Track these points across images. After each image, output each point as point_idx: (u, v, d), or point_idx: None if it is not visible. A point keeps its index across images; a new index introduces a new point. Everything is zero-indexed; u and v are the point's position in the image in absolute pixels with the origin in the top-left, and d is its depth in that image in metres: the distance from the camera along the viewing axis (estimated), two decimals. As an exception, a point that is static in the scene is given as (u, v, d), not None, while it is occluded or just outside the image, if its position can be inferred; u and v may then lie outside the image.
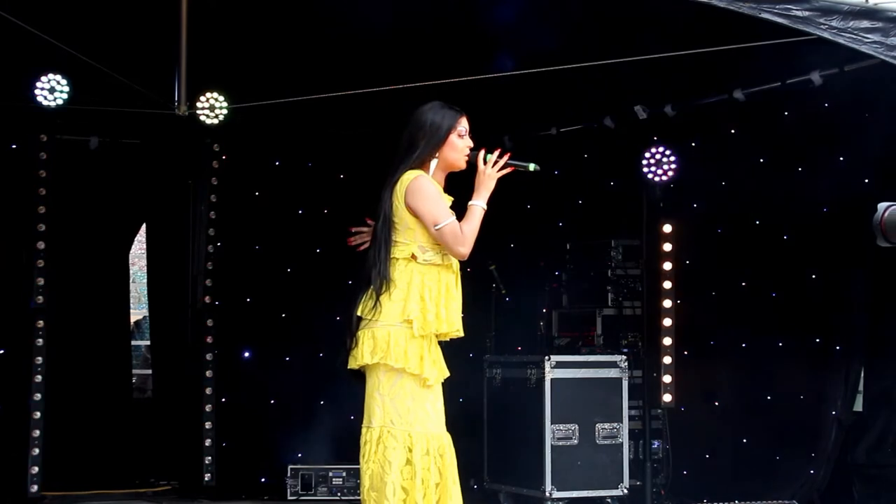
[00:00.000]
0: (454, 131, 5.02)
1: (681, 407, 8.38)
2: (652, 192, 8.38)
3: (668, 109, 8.60)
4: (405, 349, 4.91)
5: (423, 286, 4.93)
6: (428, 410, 4.95)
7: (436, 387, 4.99)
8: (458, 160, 5.04)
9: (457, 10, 7.56)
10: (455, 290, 5.00)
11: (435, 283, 4.94)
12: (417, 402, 4.93)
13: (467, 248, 4.92)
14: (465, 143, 5.05)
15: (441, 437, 4.96)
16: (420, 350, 4.92)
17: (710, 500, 7.95)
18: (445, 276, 4.97)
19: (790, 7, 5.94)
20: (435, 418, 4.96)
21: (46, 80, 8.22)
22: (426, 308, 4.91)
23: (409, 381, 4.93)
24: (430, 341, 4.97)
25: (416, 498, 4.84)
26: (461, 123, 5.04)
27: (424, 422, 4.93)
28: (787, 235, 8.07)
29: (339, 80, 8.20)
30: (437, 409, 4.98)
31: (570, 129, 9.45)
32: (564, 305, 9.14)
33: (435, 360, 4.98)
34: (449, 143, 5.02)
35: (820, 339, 7.94)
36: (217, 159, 9.15)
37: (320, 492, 8.78)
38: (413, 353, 4.91)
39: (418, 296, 4.91)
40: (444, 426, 5.01)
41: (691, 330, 8.42)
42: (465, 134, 5.05)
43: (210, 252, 9.10)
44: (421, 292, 4.92)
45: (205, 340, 9.03)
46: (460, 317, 5.01)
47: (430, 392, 4.97)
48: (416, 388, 4.93)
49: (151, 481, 9.33)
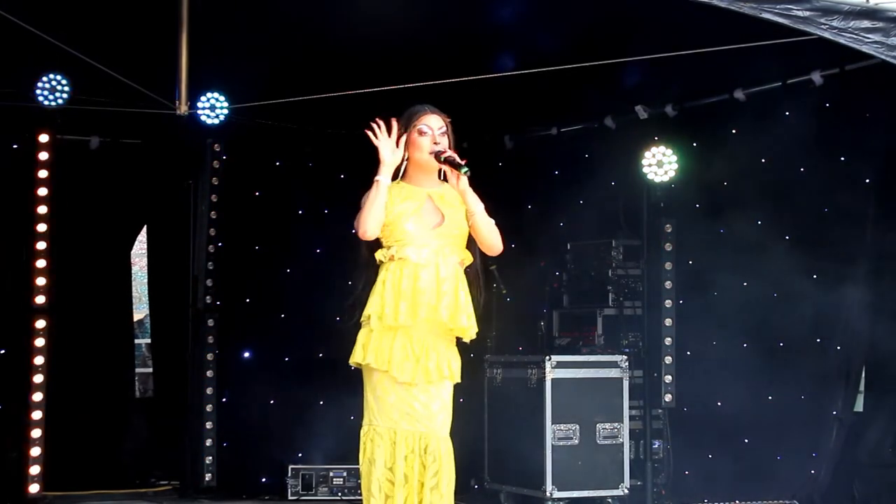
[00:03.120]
0: (413, 130, 5.03)
1: (682, 407, 8.38)
2: (652, 192, 8.38)
3: (668, 109, 8.60)
4: (363, 344, 4.97)
5: (385, 282, 4.97)
6: (416, 408, 4.94)
7: (429, 387, 4.96)
8: (421, 157, 5.04)
9: (457, 10, 7.56)
10: (422, 283, 4.95)
11: (397, 277, 4.96)
12: (402, 399, 4.94)
13: (358, 228, 4.96)
14: (427, 140, 5.02)
15: (429, 437, 4.94)
16: (379, 344, 4.94)
17: (710, 500, 7.96)
18: (409, 270, 4.97)
19: (791, 7, 5.94)
20: (425, 417, 4.94)
21: (47, 79, 8.22)
22: (383, 303, 4.95)
23: (385, 379, 4.95)
24: (407, 339, 4.96)
25: (397, 497, 4.87)
26: (422, 120, 5.04)
27: (412, 420, 4.93)
28: (787, 235, 8.07)
29: (339, 80, 8.20)
30: (431, 410, 4.96)
31: (571, 129, 9.45)
32: (565, 305, 9.14)
33: (417, 357, 4.95)
34: (411, 142, 5.04)
35: (820, 339, 7.94)
36: (217, 159, 9.15)
37: (321, 492, 8.79)
38: (372, 348, 4.95)
39: (378, 292, 4.98)
40: (442, 428, 4.97)
41: (692, 330, 8.42)
42: (427, 131, 5.02)
43: (210, 252, 9.10)
44: (381, 289, 4.97)
45: (205, 340, 9.03)
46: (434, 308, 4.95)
47: (421, 391, 4.95)
48: (396, 386, 4.94)
49: (151, 481, 9.34)
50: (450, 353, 5.04)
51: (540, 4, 7.34)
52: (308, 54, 8.13)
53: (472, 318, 5.05)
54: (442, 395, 5.00)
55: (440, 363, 4.99)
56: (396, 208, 5.00)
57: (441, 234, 5.03)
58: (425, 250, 4.98)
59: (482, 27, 7.61)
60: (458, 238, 5.07)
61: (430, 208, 5.06)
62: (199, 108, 8.56)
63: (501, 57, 8.00)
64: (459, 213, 5.05)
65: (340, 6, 7.37)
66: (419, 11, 7.32)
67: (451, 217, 5.05)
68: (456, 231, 5.05)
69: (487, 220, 5.04)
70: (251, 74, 8.38)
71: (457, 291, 5.00)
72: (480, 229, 5.04)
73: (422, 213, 5.02)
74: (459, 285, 5.02)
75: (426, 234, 5.01)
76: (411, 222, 5.00)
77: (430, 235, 5.01)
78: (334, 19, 7.61)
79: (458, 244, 5.07)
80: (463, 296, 5.02)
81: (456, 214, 5.05)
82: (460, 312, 4.99)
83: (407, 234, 5.00)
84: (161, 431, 9.55)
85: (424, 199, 5.05)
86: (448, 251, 5.02)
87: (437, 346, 5.00)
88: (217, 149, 9.13)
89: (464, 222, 5.07)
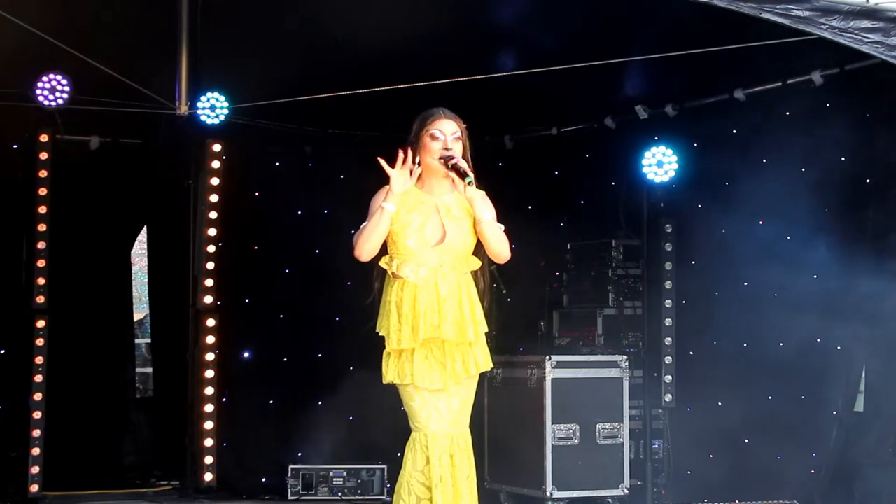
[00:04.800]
0: (425, 133, 5.01)
1: (682, 407, 8.38)
2: (652, 192, 8.38)
3: (668, 109, 8.61)
4: (386, 363, 5.07)
5: (390, 303, 5.05)
6: (441, 409, 5.01)
7: (451, 388, 5.03)
8: (433, 162, 5.03)
9: (457, 10, 7.56)
10: (421, 305, 4.99)
11: (399, 298, 5.03)
12: (427, 402, 5.01)
13: (355, 247, 4.97)
14: (438, 145, 5.00)
15: (453, 435, 5.02)
16: (399, 358, 5.04)
17: (710, 500, 7.96)
18: (409, 291, 5.02)
19: (791, 7, 5.94)
20: (448, 417, 5.02)
21: (47, 79, 8.22)
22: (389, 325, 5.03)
23: (410, 386, 5.03)
24: (427, 349, 5.03)
25: (433, 497, 4.93)
26: (434, 125, 5.01)
27: (440, 421, 5.00)
28: (787, 236, 8.07)
29: (339, 80, 8.20)
30: (453, 408, 5.03)
31: (571, 129, 9.45)
32: (565, 305, 9.14)
33: (442, 363, 5.02)
34: (423, 146, 5.02)
35: (820, 338, 7.93)
36: (217, 159, 9.15)
37: (321, 492, 8.78)
38: (392, 366, 5.05)
39: (385, 312, 5.07)
40: (462, 424, 5.06)
41: (692, 330, 8.42)
42: (440, 136, 5.00)
43: (210, 252, 9.10)
44: (386, 310, 5.06)
45: (205, 340, 9.03)
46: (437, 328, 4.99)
47: (443, 392, 5.01)
48: (420, 391, 5.01)
49: (151, 481, 9.34)
50: (475, 350, 5.09)
51: (540, 4, 7.34)
52: (309, 54, 8.13)
53: (481, 324, 5.09)
54: (462, 392, 5.07)
55: (466, 362, 5.04)
56: (403, 218, 5.01)
57: (441, 251, 5.03)
58: (423, 269, 5.00)
59: (482, 27, 7.61)
60: (461, 253, 5.07)
61: (435, 223, 5.04)
62: (199, 108, 8.56)
63: (501, 57, 8.00)
64: (464, 227, 5.05)
65: (341, 6, 7.37)
66: (419, 11, 7.32)
67: (453, 233, 5.04)
68: (458, 247, 5.06)
69: (495, 228, 5.04)
70: (251, 74, 8.38)
71: (461, 305, 5.03)
72: (487, 238, 5.04)
73: (425, 229, 5.02)
74: (463, 298, 5.04)
75: (426, 252, 5.02)
76: (413, 239, 5.01)
77: (431, 253, 5.02)
78: (335, 20, 7.61)
79: (461, 259, 5.08)
80: (467, 306, 5.05)
81: (460, 229, 5.05)
82: (466, 327, 5.02)
83: (408, 250, 5.02)
84: (161, 431, 9.55)
85: (431, 213, 5.05)
86: (447, 268, 5.03)
87: (461, 348, 5.05)
88: (217, 149, 9.13)
89: (468, 237, 5.06)
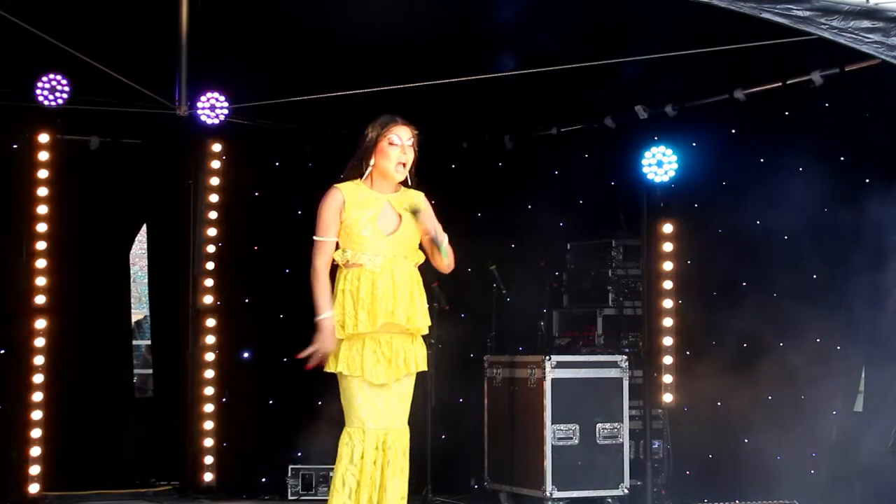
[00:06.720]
0: (384, 139, 5.33)
1: (682, 407, 8.38)
2: (652, 192, 8.38)
3: (668, 109, 8.61)
4: (334, 353, 5.35)
5: (344, 291, 5.32)
6: (379, 407, 5.26)
7: (393, 384, 5.27)
8: (388, 167, 5.34)
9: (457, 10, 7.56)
10: (379, 291, 5.23)
11: (355, 286, 5.28)
12: (368, 400, 5.26)
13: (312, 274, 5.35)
14: (396, 150, 5.31)
15: (388, 432, 5.26)
16: (349, 351, 5.28)
17: (710, 500, 7.96)
18: (366, 278, 5.27)
19: (791, 7, 5.95)
20: (386, 414, 5.26)
21: (47, 79, 8.22)
22: (344, 312, 5.29)
23: (354, 382, 5.28)
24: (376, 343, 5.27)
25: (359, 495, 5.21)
26: (392, 131, 5.34)
27: (377, 418, 5.25)
28: (787, 235, 8.07)
29: (339, 80, 8.20)
30: (391, 406, 5.27)
31: (570, 129, 9.45)
32: (565, 305, 9.15)
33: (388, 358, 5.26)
34: (379, 150, 5.35)
35: (820, 339, 7.94)
36: (217, 159, 9.15)
37: (321, 491, 8.78)
38: (343, 357, 5.29)
39: (339, 301, 5.32)
40: (399, 421, 5.29)
41: (692, 330, 8.43)
42: (397, 142, 5.32)
43: (210, 252, 9.10)
44: (341, 298, 5.31)
45: (204, 341, 9.03)
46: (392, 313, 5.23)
47: (384, 390, 5.27)
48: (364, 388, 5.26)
49: (151, 481, 9.34)
50: (416, 347, 5.36)
51: (540, 4, 7.34)
52: (308, 54, 8.13)
53: (427, 315, 5.37)
54: (402, 390, 5.32)
55: (408, 359, 5.31)
56: (354, 213, 5.30)
57: (395, 242, 5.32)
58: (379, 258, 5.28)
59: (482, 27, 7.60)
60: (411, 244, 5.38)
61: (388, 213, 5.35)
62: (199, 108, 8.55)
63: (501, 57, 8.00)
64: (410, 221, 5.35)
65: (341, 6, 7.37)
66: (419, 11, 7.32)
67: (406, 222, 5.33)
68: (409, 236, 5.35)
69: (449, 249, 5.35)
70: (251, 74, 8.38)
71: (412, 294, 5.31)
72: (445, 258, 5.34)
73: (378, 219, 5.31)
74: (414, 287, 5.33)
75: (381, 242, 5.30)
76: (367, 229, 5.29)
77: (385, 242, 5.31)
78: (334, 19, 7.61)
79: (412, 248, 5.38)
80: (418, 296, 5.34)
81: (410, 220, 5.34)
82: (416, 313, 5.31)
83: (363, 240, 5.29)
84: (161, 431, 9.54)
85: (382, 205, 5.35)
86: (401, 258, 5.32)
87: (404, 344, 5.32)
88: (217, 149, 9.13)
89: (414, 230, 5.35)
